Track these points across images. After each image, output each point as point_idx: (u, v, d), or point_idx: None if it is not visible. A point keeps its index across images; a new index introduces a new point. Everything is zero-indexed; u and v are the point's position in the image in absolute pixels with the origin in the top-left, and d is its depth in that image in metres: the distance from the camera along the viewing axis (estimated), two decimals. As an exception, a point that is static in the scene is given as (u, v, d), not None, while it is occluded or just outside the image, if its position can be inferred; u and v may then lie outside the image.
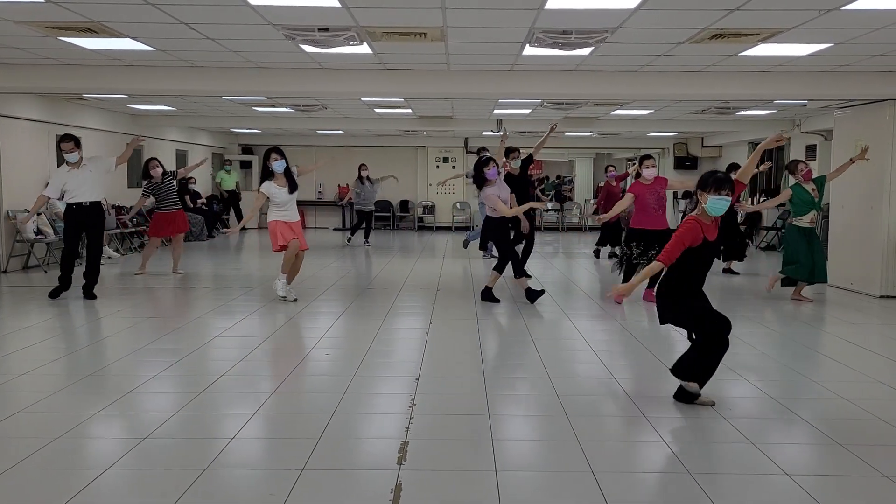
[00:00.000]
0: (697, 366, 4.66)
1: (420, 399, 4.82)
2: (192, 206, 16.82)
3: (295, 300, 8.47)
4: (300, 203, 9.00)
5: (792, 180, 9.01)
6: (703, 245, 4.52)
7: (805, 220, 8.74)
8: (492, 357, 6.14)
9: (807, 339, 7.07)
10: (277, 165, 8.26)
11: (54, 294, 8.51)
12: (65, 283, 8.56)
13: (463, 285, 10.06)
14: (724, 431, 4.28)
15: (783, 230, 11.20)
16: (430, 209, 21.57)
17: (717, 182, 4.49)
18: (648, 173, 8.52)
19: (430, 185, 21.59)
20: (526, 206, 8.82)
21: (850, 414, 4.66)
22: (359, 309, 8.23)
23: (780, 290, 9.16)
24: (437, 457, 3.88)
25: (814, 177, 8.92)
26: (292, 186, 8.37)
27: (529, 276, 8.94)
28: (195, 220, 16.65)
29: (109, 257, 12.36)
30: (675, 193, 20.26)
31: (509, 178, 10.02)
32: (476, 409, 4.62)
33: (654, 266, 4.49)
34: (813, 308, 8.59)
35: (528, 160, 10.27)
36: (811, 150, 14.32)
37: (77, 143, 8.44)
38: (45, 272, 10.80)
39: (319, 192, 21.31)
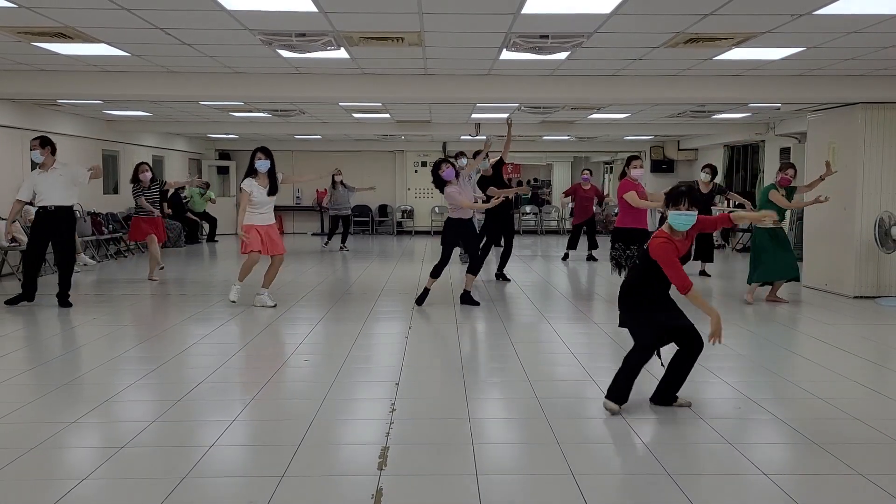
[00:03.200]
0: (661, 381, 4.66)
1: (400, 404, 4.82)
2: (169, 212, 16.69)
3: (274, 305, 8.42)
4: (278, 208, 8.97)
5: (767, 179, 9.04)
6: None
7: (768, 222, 8.74)
8: (471, 361, 6.15)
9: (782, 340, 7.16)
10: (261, 165, 8.25)
11: (13, 301, 8.41)
12: (28, 292, 8.48)
13: (442, 290, 10.06)
14: (702, 432, 4.32)
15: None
16: (409, 214, 21.58)
17: (674, 197, 4.45)
18: (636, 173, 8.55)
19: (409, 189, 21.60)
20: (479, 206, 8.90)
21: (826, 413, 4.72)
22: (338, 314, 8.20)
23: (756, 291, 9.25)
24: (417, 461, 3.87)
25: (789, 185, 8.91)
26: (272, 189, 8.33)
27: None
28: (173, 226, 16.52)
29: (86, 264, 12.22)
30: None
31: (483, 181, 10.13)
32: (456, 413, 4.63)
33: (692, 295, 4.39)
34: (788, 309, 8.69)
35: (500, 162, 10.34)
36: (785, 153, 14.52)
37: (42, 143, 8.33)
38: (20, 280, 10.62)
39: (298, 197, 21.24)
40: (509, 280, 10.83)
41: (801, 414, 4.71)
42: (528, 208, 22.94)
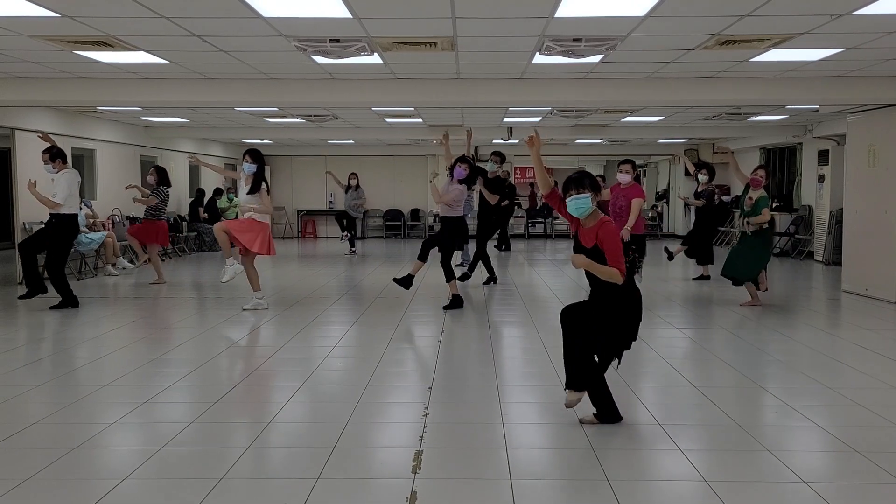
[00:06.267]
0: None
1: (433, 408, 4.82)
2: (205, 216, 16.94)
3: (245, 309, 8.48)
4: (313, 212, 9.05)
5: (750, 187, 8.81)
6: (575, 243, 4.48)
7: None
8: (505, 365, 6.14)
9: (822, 346, 7.03)
10: (246, 168, 8.40)
11: (59, 307, 8.58)
12: (71, 297, 8.66)
13: (475, 294, 10.07)
14: (740, 439, 4.26)
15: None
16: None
17: (564, 187, 4.41)
18: (622, 178, 8.51)
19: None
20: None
21: (867, 421, 4.62)
22: (370, 318, 8.25)
23: (789, 297, 9.08)
24: (451, 465, 3.88)
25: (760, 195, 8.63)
26: (252, 189, 8.44)
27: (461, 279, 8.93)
28: (208, 230, 16.74)
29: (124, 268, 12.45)
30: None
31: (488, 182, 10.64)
32: (490, 418, 4.62)
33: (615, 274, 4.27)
34: (827, 314, 8.53)
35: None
36: (823, 156, 14.26)
37: (52, 156, 8.60)
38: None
39: (331, 201, 21.36)
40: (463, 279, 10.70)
41: (841, 421, 4.62)
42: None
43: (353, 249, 16.25)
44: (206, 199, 17.19)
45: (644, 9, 5.82)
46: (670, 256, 11.81)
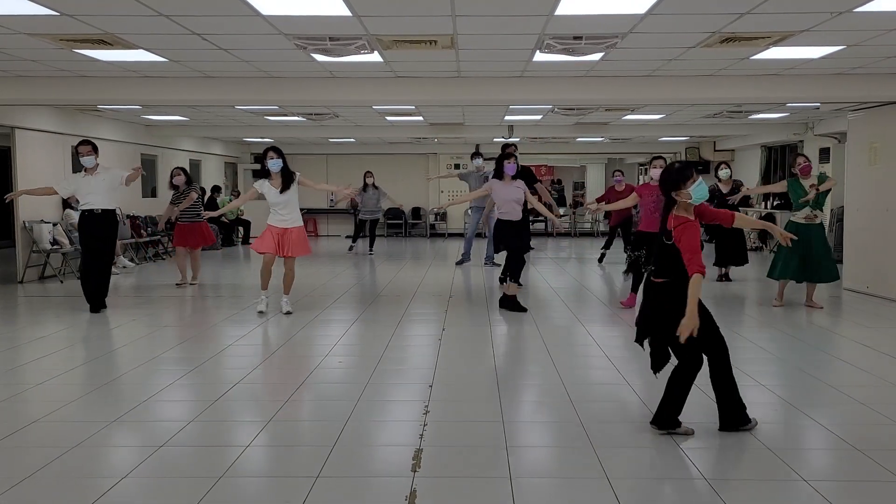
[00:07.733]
0: (679, 402, 4.24)
1: (434, 406, 4.82)
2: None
3: (287, 313, 8.20)
4: (312, 211, 8.99)
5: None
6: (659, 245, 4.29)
7: (800, 216, 8.40)
8: (505, 364, 6.13)
9: (823, 344, 7.02)
10: (273, 164, 8.11)
11: (96, 309, 8.39)
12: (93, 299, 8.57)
13: (475, 292, 10.06)
14: (740, 437, 4.25)
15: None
16: (442, 216, 21.62)
17: (684, 174, 4.12)
18: (655, 173, 8.36)
19: (442, 192, 21.64)
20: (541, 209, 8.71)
21: (868, 419, 4.61)
22: (371, 316, 8.24)
23: (792, 294, 9.07)
24: (451, 464, 3.87)
25: (817, 174, 8.55)
26: (285, 186, 8.10)
27: (521, 285, 8.67)
28: (212, 229, 16.74)
29: (125, 267, 12.45)
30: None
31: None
32: (490, 416, 4.62)
33: (697, 280, 3.94)
34: (828, 312, 8.52)
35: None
36: (824, 153, 14.25)
37: (94, 148, 8.44)
38: (62, 282, 10.89)
39: (332, 199, 21.35)
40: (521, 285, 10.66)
41: (842, 419, 4.61)
42: (561, 210, 22.95)
43: (353, 246, 16.24)
44: (206, 198, 17.19)
45: (644, 6, 5.81)
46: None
